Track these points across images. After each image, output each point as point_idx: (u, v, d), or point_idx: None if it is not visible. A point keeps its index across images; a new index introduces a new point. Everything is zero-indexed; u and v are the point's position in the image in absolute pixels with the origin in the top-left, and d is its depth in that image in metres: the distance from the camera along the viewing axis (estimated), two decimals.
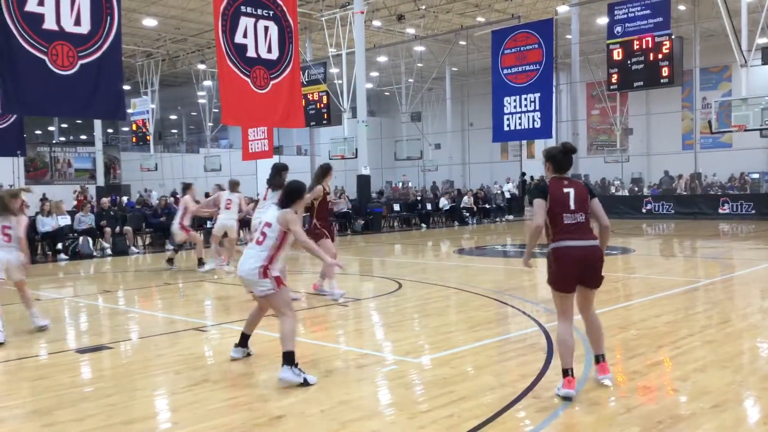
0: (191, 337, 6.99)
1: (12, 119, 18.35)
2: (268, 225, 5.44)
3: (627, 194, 29.80)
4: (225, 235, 12.31)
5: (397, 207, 24.62)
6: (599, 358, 4.92)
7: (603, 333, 4.96)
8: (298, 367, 5.13)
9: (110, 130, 42.53)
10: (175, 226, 12.85)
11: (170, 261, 13.15)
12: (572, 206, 4.76)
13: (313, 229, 8.73)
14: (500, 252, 15.46)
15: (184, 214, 12.70)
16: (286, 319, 5.28)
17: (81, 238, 15.82)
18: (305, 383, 5.06)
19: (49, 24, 11.80)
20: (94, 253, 16.04)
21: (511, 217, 27.14)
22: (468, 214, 25.25)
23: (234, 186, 12.42)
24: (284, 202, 5.50)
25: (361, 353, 6.12)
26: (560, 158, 4.90)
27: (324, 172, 9.01)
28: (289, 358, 5.13)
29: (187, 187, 13.05)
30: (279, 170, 9.13)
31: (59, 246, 15.66)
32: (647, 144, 36.53)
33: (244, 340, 5.95)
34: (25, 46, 11.56)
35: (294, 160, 37.84)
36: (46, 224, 15.50)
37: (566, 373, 4.67)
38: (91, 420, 4.43)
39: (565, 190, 4.81)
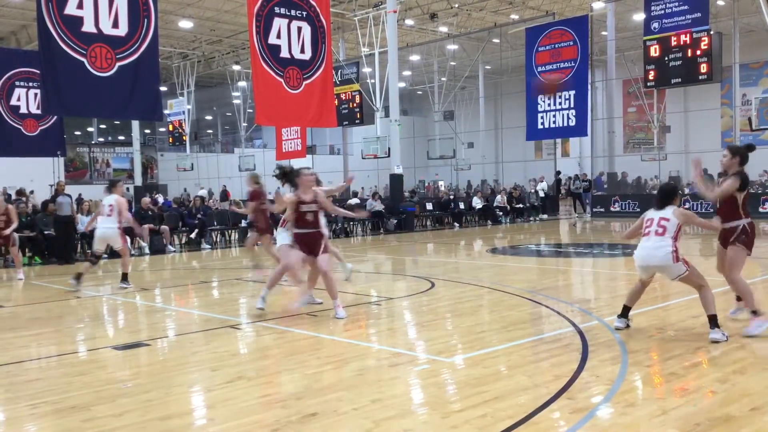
0: (227, 335, 7.07)
1: (52, 120, 18.81)
2: (666, 219, 6.27)
3: None
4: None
5: (429, 206, 24.56)
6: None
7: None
8: (719, 328, 6.07)
9: (147, 131, 43.22)
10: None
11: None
12: None
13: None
14: (534, 251, 15.33)
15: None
16: (705, 289, 6.20)
17: None
18: (727, 339, 6.05)
19: (88, 27, 12.02)
20: (132, 252, 16.30)
21: (545, 216, 26.87)
22: (501, 213, 25.08)
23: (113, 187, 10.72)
24: (662, 202, 6.35)
25: (394, 352, 6.12)
26: (746, 155, 6.36)
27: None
28: (713, 321, 6.08)
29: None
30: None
31: None
32: (685, 142, 35.88)
33: (625, 312, 6.64)
34: (65, 49, 11.79)
35: (327, 160, 38.10)
36: (86, 223, 15.80)
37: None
38: (128, 415, 4.50)
39: None
